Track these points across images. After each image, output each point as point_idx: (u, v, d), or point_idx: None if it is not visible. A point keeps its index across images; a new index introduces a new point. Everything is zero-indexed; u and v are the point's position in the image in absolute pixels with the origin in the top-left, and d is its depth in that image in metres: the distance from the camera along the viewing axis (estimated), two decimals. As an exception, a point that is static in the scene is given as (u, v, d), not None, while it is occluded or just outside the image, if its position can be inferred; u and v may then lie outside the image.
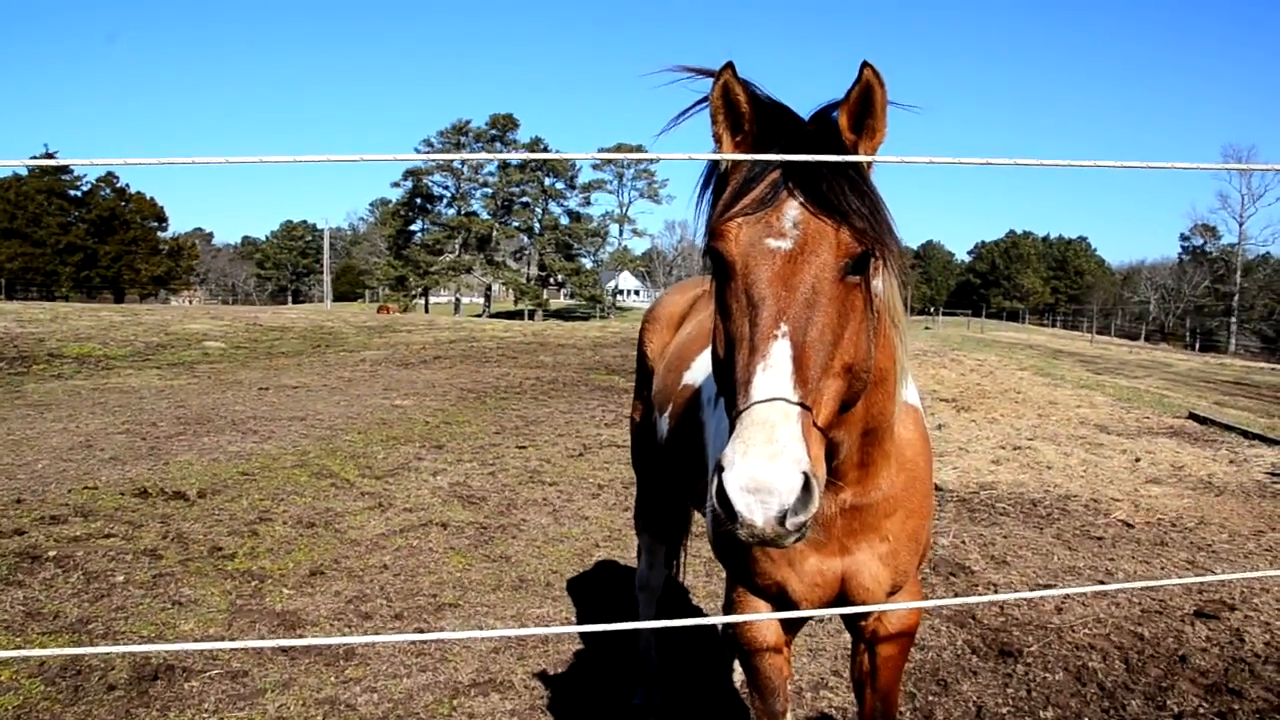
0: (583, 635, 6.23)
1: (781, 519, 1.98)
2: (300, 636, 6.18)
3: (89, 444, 12.81)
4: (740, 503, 1.99)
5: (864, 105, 2.36)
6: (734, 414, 2.14)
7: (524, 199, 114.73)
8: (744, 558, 3.17)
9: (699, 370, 4.03)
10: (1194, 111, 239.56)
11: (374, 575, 7.49)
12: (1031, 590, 7.26)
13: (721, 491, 2.02)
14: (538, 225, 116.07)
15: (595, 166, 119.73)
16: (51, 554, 7.77)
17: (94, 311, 47.02)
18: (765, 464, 1.97)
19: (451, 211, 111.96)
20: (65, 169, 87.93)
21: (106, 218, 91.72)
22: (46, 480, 10.48)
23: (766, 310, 2.19)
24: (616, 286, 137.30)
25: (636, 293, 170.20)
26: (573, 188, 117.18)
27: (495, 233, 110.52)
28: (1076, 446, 13.75)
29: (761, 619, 3.18)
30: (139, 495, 9.75)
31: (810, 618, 3.45)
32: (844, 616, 3.33)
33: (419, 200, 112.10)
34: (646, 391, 5.04)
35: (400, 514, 9.41)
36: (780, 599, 3.13)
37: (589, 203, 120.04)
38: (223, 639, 6.10)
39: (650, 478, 5.12)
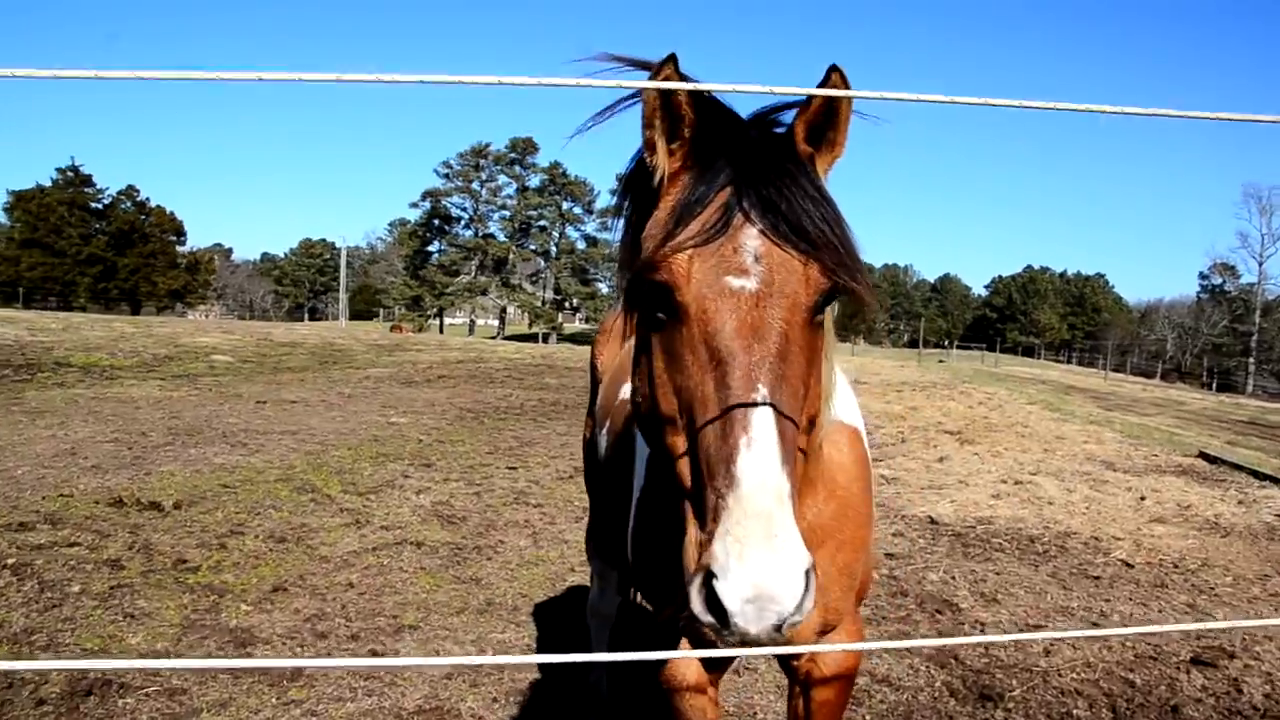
0: (540, 664, 5.95)
1: (780, 626, 1.72)
2: (249, 655, 5.93)
3: (74, 452, 12.62)
4: (739, 615, 1.71)
5: (826, 115, 2.09)
6: (705, 496, 1.84)
7: (541, 223, 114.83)
8: (661, 590, 2.91)
9: None
10: (1215, 151, 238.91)
11: (337, 593, 7.23)
12: (1020, 631, 6.95)
13: (715, 602, 1.73)
14: (554, 249, 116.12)
15: (613, 192, 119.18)
16: (10, 561, 7.54)
17: (107, 322, 47.15)
18: (769, 569, 1.69)
19: (469, 233, 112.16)
20: (89, 181, 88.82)
21: (126, 230, 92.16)
22: (23, 487, 10.28)
23: (738, 369, 1.87)
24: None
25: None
26: (590, 213, 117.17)
27: (512, 255, 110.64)
28: (1080, 483, 13.40)
29: (677, 656, 2.92)
30: (113, 505, 9.53)
31: (732, 657, 3.17)
32: (777, 657, 3.06)
33: (436, 221, 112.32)
34: (595, 406, 4.79)
35: (376, 531, 9.15)
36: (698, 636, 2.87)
37: (606, 228, 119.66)
38: (166, 655, 5.86)
39: (599, 499, 4.85)
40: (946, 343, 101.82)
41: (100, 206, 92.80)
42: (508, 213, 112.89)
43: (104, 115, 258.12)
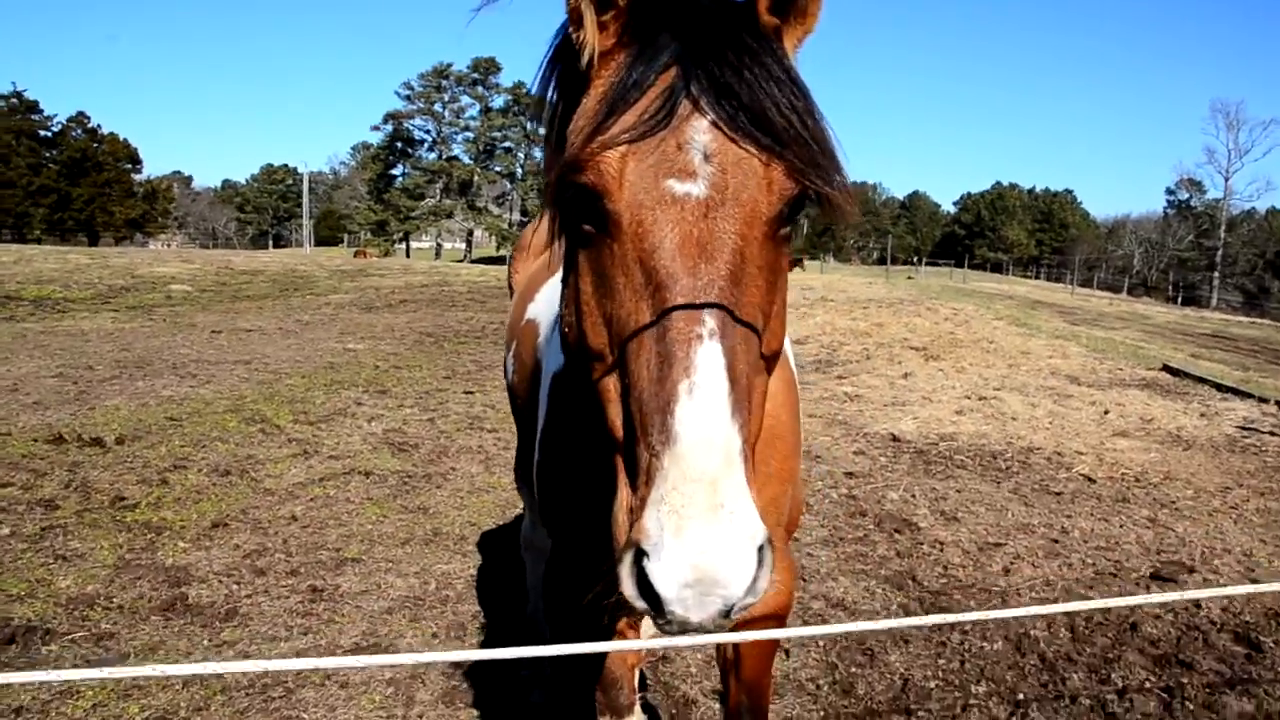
0: (483, 592, 5.79)
1: (727, 612, 1.44)
2: (183, 595, 5.70)
3: (15, 388, 12.22)
4: (676, 602, 1.41)
5: None
6: (638, 452, 1.51)
7: (506, 144, 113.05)
8: (571, 540, 2.68)
9: (542, 301, 3.48)
10: (1183, 68, 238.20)
11: (280, 527, 7.00)
12: (979, 550, 6.84)
13: (645, 584, 1.44)
14: (520, 170, 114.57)
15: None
16: (-63, 502, 7.25)
17: (62, 254, 46.10)
18: (713, 546, 1.38)
19: (433, 156, 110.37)
20: (36, 108, 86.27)
21: (78, 159, 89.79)
22: (-42, 424, 9.92)
23: (680, 295, 1.52)
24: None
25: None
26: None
27: (477, 178, 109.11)
28: (1044, 398, 13.32)
29: (613, 649, 2.69)
30: (52, 442, 9.22)
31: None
32: None
33: (399, 144, 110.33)
34: None
35: (324, 462, 8.90)
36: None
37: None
38: (96, 597, 5.62)
39: (520, 425, 4.60)
40: (916, 260, 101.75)
41: (49, 135, 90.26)
42: (471, 134, 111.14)
43: (47, 35, 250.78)
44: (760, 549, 1.46)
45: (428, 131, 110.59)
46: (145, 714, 4.36)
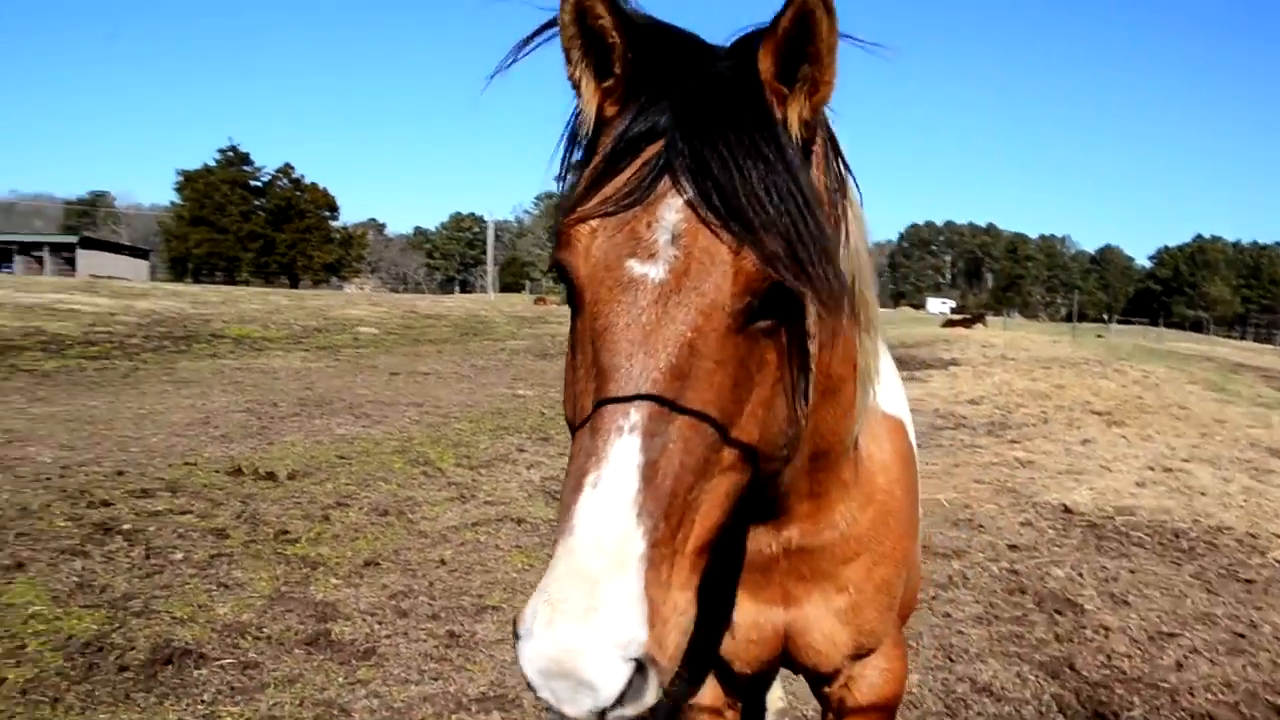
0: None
1: (602, 713, 1.37)
2: (327, 630, 5.87)
3: (207, 421, 13.04)
4: (545, 689, 1.37)
5: (799, 41, 1.57)
6: (555, 534, 1.48)
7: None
8: None
9: None
10: None
11: (428, 570, 7.16)
12: (1149, 640, 6.34)
13: (521, 664, 1.41)
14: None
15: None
16: (126, 527, 7.75)
17: (264, 295, 49.29)
18: (576, 646, 1.33)
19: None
20: (248, 160, 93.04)
21: (283, 207, 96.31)
22: (153, 454, 10.63)
23: (612, 382, 1.46)
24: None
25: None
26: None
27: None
28: (1240, 471, 12.35)
29: None
30: (231, 474, 9.75)
31: (759, 683, 2.78)
32: (807, 680, 2.70)
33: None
34: None
35: (480, 506, 9.08)
36: (710, 651, 2.54)
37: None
38: (249, 626, 5.86)
39: None
40: (1106, 317, 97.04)
41: (259, 185, 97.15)
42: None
43: (260, 97, 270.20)
44: (639, 662, 1.36)
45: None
46: (276, 747, 4.49)
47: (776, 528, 2.30)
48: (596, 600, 1.34)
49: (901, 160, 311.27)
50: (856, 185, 2.02)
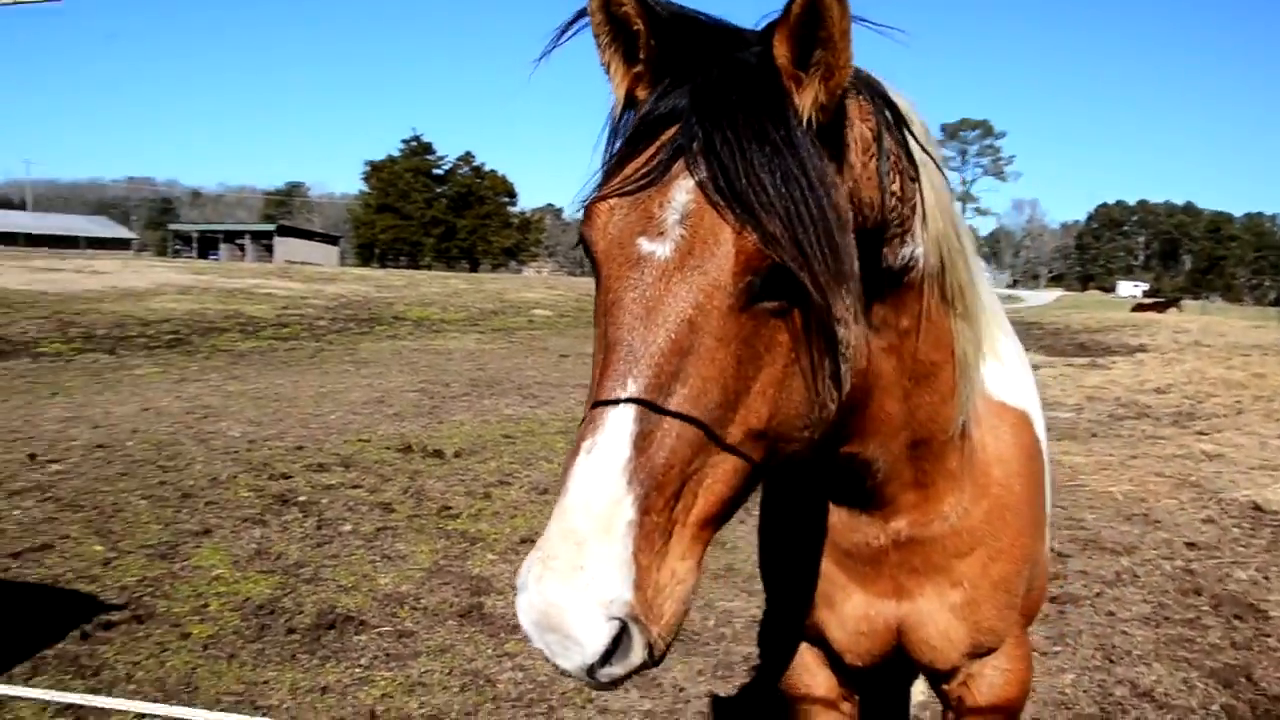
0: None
1: (590, 670, 1.40)
2: (480, 603, 6.10)
3: (382, 400, 13.68)
4: (537, 640, 1.43)
5: (810, 28, 1.55)
6: (556, 494, 1.52)
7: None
8: (780, 580, 2.59)
9: None
10: None
11: (581, 547, 7.32)
12: (1337, 640, 5.88)
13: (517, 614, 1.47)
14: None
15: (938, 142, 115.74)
16: (301, 499, 8.24)
17: (444, 279, 51.19)
18: (562, 601, 1.37)
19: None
20: (430, 150, 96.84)
21: (464, 194, 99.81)
22: (330, 430, 11.25)
23: (615, 355, 1.50)
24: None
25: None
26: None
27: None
28: None
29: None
30: (401, 451, 10.20)
31: (878, 674, 2.69)
32: (929, 679, 2.63)
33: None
34: None
35: (634, 487, 9.20)
36: (821, 645, 2.52)
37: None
38: (407, 597, 6.14)
39: None
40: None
41: (441, 173, 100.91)
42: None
43: (443, 88, 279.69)
44: (621, 622, 1.37)
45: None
46: (423, 711, 4.70)
47: (883, 518, 2.26)
48: (582, 559, 1.38)
49: (1089, 137, 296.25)
50: (941, 170, 1.98)
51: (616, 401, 1.45)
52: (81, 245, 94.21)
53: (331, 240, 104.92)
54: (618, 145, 1.64)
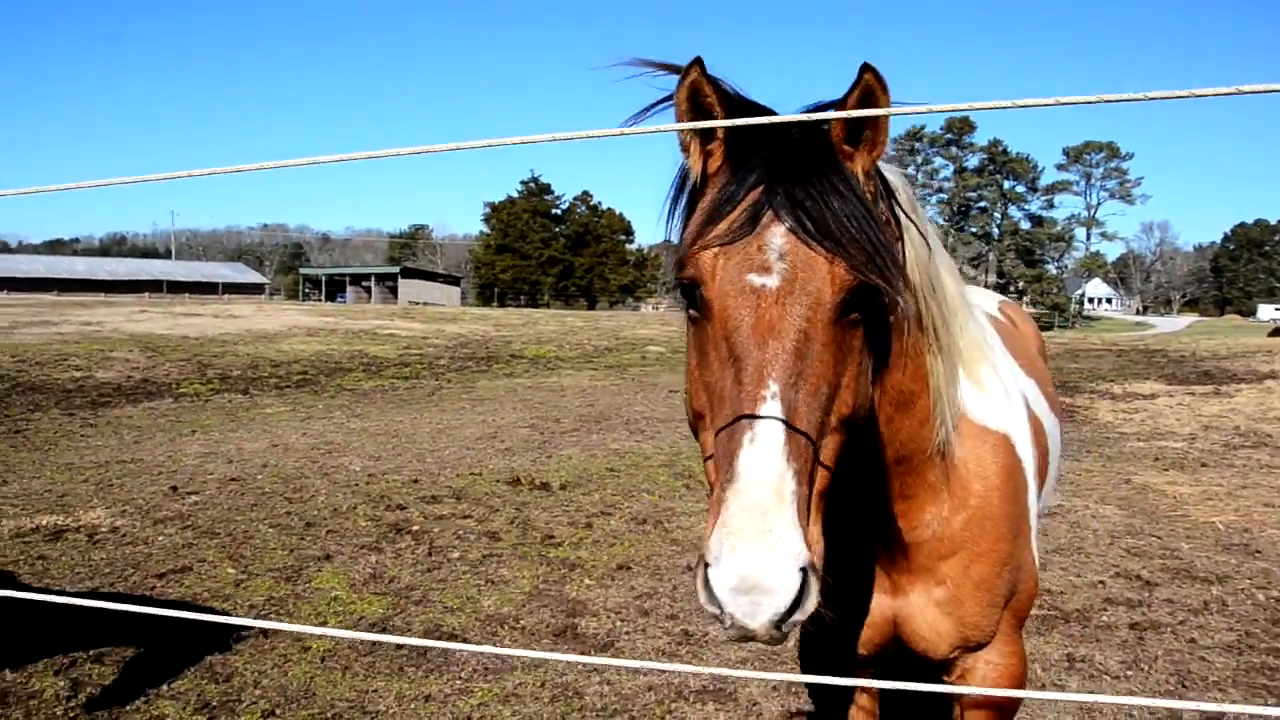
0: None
1: (779, 622, 1.70)
2: (574, 624, 6.49)
3: (495, 435, 14.28)
4: (731, 605, 1.70)
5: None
6: (715, 489, 1.83)
7: (981, 204, 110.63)
8: None
9: None
10: None
11: (675, 575, 7.65)
12: None
13: (709, 588, 1.74)
14: (996, 230, 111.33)
15: (1060, 167, 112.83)
16: (415, 528, 8.79)
17: (561, 317, 52.26)
18: (759, 561, 1.66)
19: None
20: (549, 190, 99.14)
21: (581, 232, 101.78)
22: (444, 465, 11.86)
23: (751, 365, 1.85)
24: (1084, 294, 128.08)
25: (1108, 301, 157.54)
26: (1034, 190, 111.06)
27: (951, 239, 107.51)
28: None
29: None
30: (510, 483, 10.72)
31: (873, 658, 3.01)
32: (932, 672, 2.92)
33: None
34: None
35: (730, 517, 9.49)
36: (833, 634, 2.85)
37: (1052, 206, 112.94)
38: (507, 618, 6.57)
39: None
40: None
41: (559, 212, 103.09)
42: (945, 195, 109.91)
43: (558, 127, 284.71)
44: (805, 569, 1.69)
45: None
46: (515, 718, 5.10)
47: (877, 525, 2.62)
48: (769, 525, 1.69)
49: (1223, 155, 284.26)
50: (921, 230, 2.40)
51: (762, 399, 1.81)
52: (220, 290, 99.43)
53: (453, 281, 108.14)
54: (710, 206, 2.01)
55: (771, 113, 2.09)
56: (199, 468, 11.32)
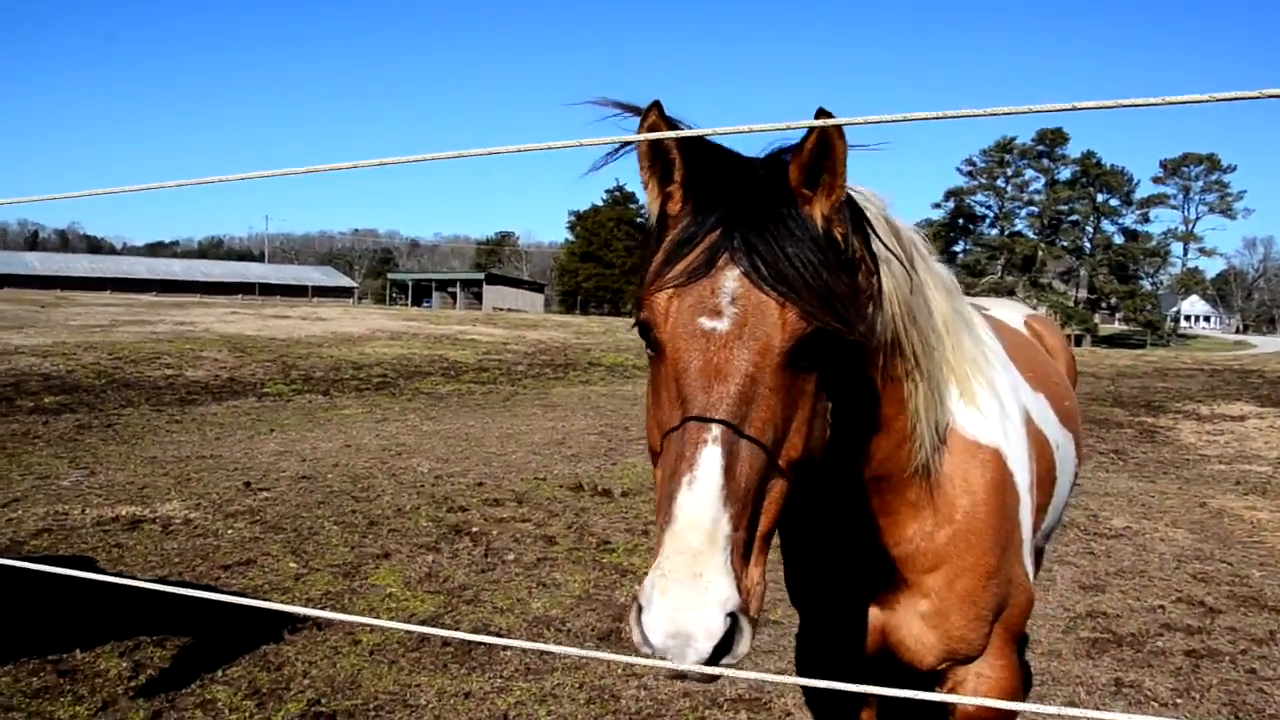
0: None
1: (707, 663, 1.74)
2: (621, 629, 6.58)
3: (563, 441, 14.46)
4: (663, 648, 1.75)
5: (819, 156, 2.00)
6: (657, 529, 1.88)
7: (1073, 217, 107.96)
8: (802, 598, 3.04)
9: None
10: None
11: (724, 583, 7.70)
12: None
13: (641, 629, 1.79)
14: (1088, 245, 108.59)
15: (1156, 180, 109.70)
16: (474, 530, 8.98)
17: (640, 325, 52.18)
18: (687, 604, 1.70)
19: (994, 232, 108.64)
20: (632, 199, 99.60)
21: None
22: (510, 469, 12.06)
23: (695, 407, 1.87)
24: (1179, 312, 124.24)
25: (1206, 319, 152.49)
26: (1129, 204, 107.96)
27: (1040, 253, 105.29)
28: None
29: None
30: (572, 489, 10.87)
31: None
32: (924, 684, 2.96)
33: (961, 221, 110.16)
34: None
35: (787, 528, 9.50)
36: (829, 642, 2.92)
37: (1147, 220, 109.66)
38: (554, 620, 6.69)
39: None
40: None
41: (642, 221, 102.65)
42: (1036, 208, 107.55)
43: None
44: (733, 615, 1.71)
45: (989, 207, 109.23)
46: (551, 717, 5.21)
47: (862, 539, 2.69)
48: (699, 568, 1.73)
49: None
50: (902, 260, 2.40)
51: (704, 443, 1.83)
52: (309, 294, 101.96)
53: (537, 288, 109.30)
54: (669, 248, 2.04)
55: (731, 154, 2.16)
56: (273, 465, 11.70)
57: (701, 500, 1.77)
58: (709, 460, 1.80)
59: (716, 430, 1.83)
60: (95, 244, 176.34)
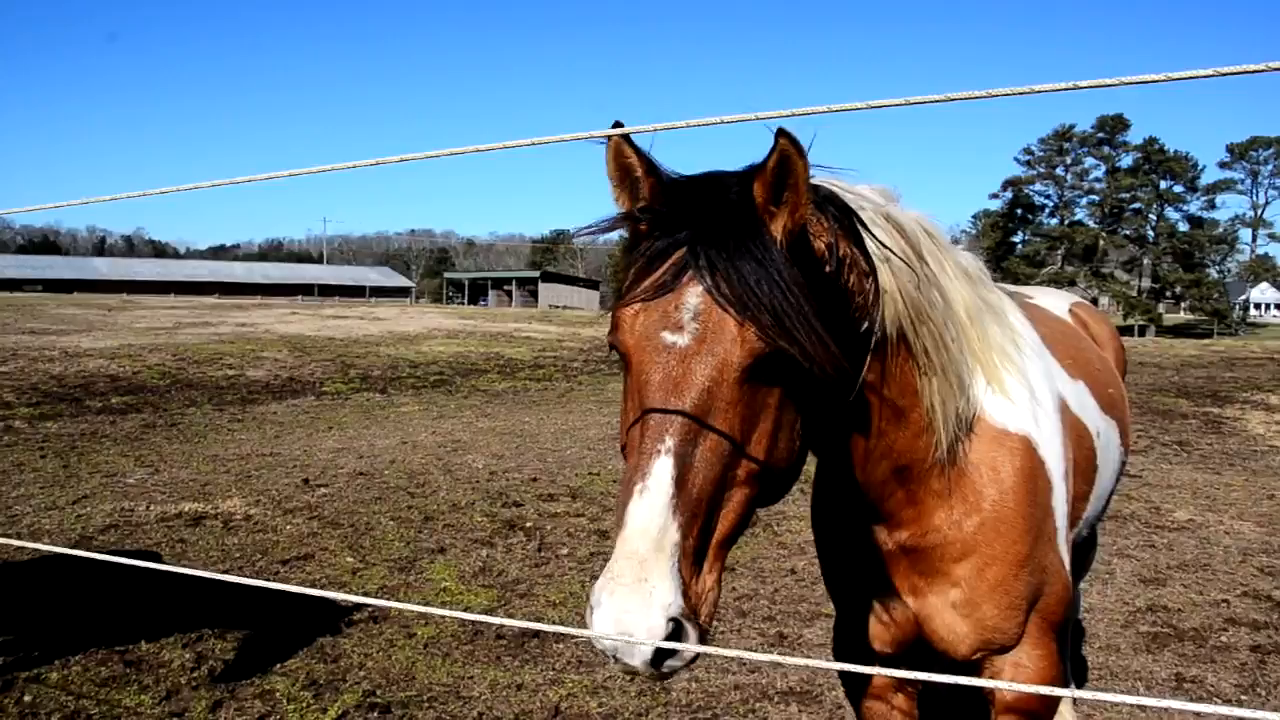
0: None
1: (655, 663, 1.80)
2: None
3: (617, 437, 14.47)
4: (611, 647, 1.82)
5: (781, 176, 2.03)
6: (613, 532, 1.93)
7: (1135, 205, 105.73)
8: (837, 589, 3.04)
9: None
10: None
11: (777, 579, 7.69)
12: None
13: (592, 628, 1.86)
14: (1151, 233, 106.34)
15: (1223, 165, 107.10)
16: (528, 524, 9.06)
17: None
18: (630, 608, 1.75)
19: (1054, 222, 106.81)
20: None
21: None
22: (565, 464, 12.13)
23: (653, 419, 1.91)
24: (1248, 300, 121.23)
25: (1278, 307, 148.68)
26: (1193, 190, 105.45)
27: (1101, 242, 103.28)
28: None
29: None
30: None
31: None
32: (963, 673, 2.93)
33: (1019, 211, 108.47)
34: None
35: (840, 522, 9.45)
36: (863, 633, 2.91)
37: (1213, 206, 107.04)
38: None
39: None
40: None
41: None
42: (1096, 197, 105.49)
43: (692, 134, 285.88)
44: (676, 619, 1.75)
45: (1048, 196, 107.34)
46: (600, 710, 5.24)
47: (890, 530, 2.69)
48: (645, 573, 1.78)
49: None
50: (904, 257, 2.40)
51: (657, 453, 1.88)
52: (367, 294, 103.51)
53: (593, 285, 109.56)
54: (637, 266, 2.09)
55: (696, 177, 2.19)
56: (331, 462, 11.89)
57: (650, 509, 1.82)
58: (660, 470, 1.85)
59: (670, 441, 1.87)
60: (160, 248, 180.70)
